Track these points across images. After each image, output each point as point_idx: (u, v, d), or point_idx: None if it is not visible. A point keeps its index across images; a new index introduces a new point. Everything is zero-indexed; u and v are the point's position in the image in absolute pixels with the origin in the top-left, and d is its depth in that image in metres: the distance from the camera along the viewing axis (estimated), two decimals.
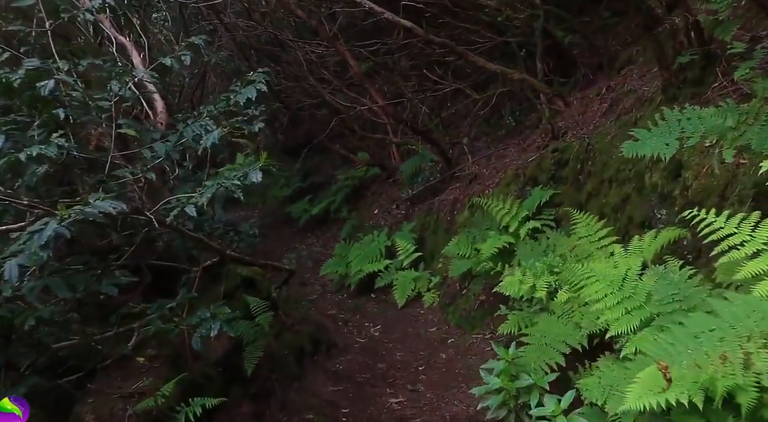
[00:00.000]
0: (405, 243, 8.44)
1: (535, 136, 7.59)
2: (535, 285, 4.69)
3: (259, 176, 3.60)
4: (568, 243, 5.05)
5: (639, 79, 6.18)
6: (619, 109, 6.00)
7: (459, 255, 6.94)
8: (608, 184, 5.38)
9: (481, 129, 10.09)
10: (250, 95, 3.93)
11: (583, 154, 5.85)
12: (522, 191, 6.70)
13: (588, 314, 4.29)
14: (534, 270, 4.91)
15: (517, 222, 6.25)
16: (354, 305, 8.74)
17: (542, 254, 5.35)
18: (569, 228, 5.77)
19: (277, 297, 5.38)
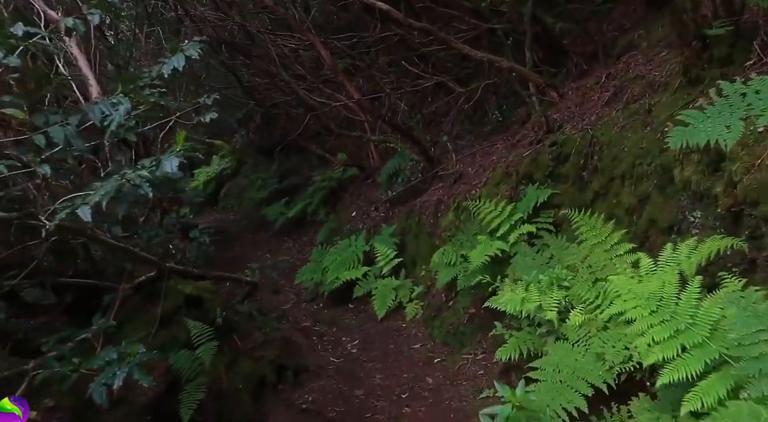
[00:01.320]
0: (385, 249, 7.38)
1: (526, 131, 6.59)
2: (542, 304, 3.66)
3: (175, 165, 2.52)
4: (579, 252, 4.03)
5: (646, 65, 5.21)
6: (625, 98, 5.02)
7: (445, 263, 5.90)
8: (620, 181, 4.39)
9: (463, 126, 9.08)
10: (177, 65, 2.85)
11: (586, 147, 4.85)
12: (515, 191, 5.69)
13: (611, 340, 3.28)
14: (539, 285, 3.89)
15: (509, 226, 5.23)
16: (330, 316, 7.66)
17: (545, 264, 4.34)
18: (573, 232, 4.77)
19: (233, 317, 4.30)
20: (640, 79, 5.08)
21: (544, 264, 4.37)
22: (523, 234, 5.13)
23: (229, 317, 4.26)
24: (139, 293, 3.67)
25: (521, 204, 5.33)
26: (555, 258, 4.29)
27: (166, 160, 2.52)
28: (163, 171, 2.47)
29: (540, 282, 3.89)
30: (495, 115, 7.57)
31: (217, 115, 4.13)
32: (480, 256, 5.08)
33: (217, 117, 4.10)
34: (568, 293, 3.78)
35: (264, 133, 13.18)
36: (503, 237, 5.23)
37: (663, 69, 4.84)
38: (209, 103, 4.26)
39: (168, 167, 2.48)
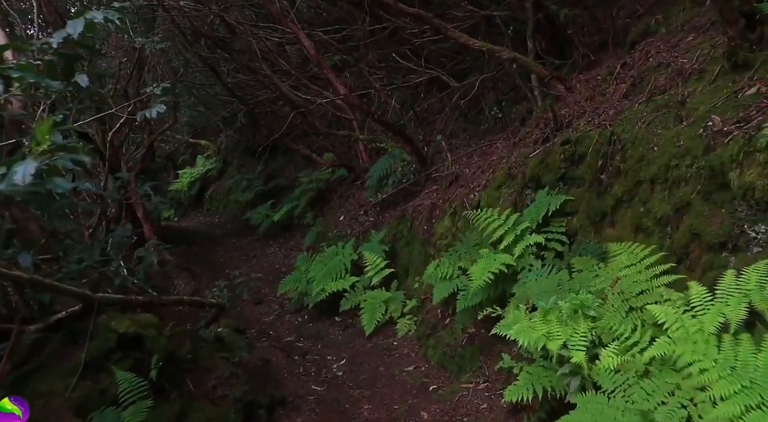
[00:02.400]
0: (374, 257, 6.57)
1: (530, 128, 5.80)
2: (566, 342, 2.86)
3: (30, 173, 1.68)
4: (606, 274, 3.24)
5: (670, 51, 4.43)
6: (647, 89, 4.24)
7: (441, 276, 5.10)
8: (649, 185, 3.60)
9: (458, 124, 8.28)
10: (72, 32, 2.03)
11: (605, 146, 4.06)
12: (519, 195, 4.90)
13: (658, 392, 2.49)
14: (558, 313, 3.09)
15: (514, 236, 4.44)
16: (315, 330, 6.84)
17: (561, 286, 3.54)
18: (590, 244, 3.99)
19: (187, 354, 3.47)
20: (664, 67, 4.31)
21: (559, 284, 3.56)
22: (530, 246, 4.34)
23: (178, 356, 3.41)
24: (62, 333, 2.84)
25: (528, 211, 4.54)
26: (575, 279, 3.49)
27: (18, 166, 1.68)
28: (11, 183, 1.63)
29: (560, 310, 3.09)
30: (494, 112, 6.77)
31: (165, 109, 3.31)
32: (482, 273, 4.28)
33: (164, 110, 3.28)
34: (596, 325, 2.98)
35: (250, 133, 12.33)
36: (508, 249, 4.43)
37: (693, 54, 4.06)
38: (158, 92, 3.44)
39: (19, 177, 1.64)
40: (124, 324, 3.00)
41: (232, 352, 4.14)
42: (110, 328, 2.95)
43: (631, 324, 2.89)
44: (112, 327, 2.96)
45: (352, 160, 9.45)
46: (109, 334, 2.92)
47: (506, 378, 4.04)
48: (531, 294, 3.69)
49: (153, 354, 3.06)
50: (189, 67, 9.71)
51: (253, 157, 12.66)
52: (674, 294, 2.86)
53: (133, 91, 8.02)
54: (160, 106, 3.22)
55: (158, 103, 3.28)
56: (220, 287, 4.33)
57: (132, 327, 3.02)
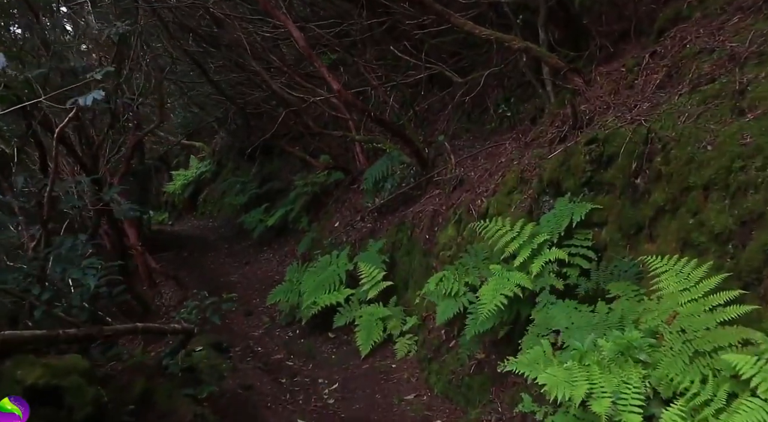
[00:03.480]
0: (370, 269, 5.85)
1: (543, 127, 5.08)
2: (616, 401, 2.12)
3: None
4: (659, 304, 2.50)
5: (713, 35, 3.71)
6: (689, 78, 3.52)
7: (445, 293, 4.37)
8: (702, 192, 2.88)
9: (461, 124, 7.55)
10: None
11: (640, 145, 3.34)
12: (536, 202, 4.17)
13: None
14: (599, 357, 2.36)
15: (530, 251, 3.70)
16: (307, 347, 6.12)
17: (599, 319, 2.81)
18: (626, 263, 3.26)
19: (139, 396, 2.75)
20: (707, 53, 3.58)
21: (594, 315, 2.83)
22: (551, 263, 3.61)
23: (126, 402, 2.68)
24: None
25: (547, 221, 3.81)
26: (615, 310, 2.76)
27: None
28: None
29: (601, 352, 2.36)
30: (501, 110, 6.05)
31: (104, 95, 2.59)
32: (494, 296, 3.55)
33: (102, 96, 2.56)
34: (650, 372, 2.26)
35: (243, 134, 11.61)
36: (524, 265, 3.70)
37: (745, 37, 3.34)
38: (98, 77, 2.72)
39: None
40: (35, 373, 2.27)
41: (200, 387, 3.41)
42: (15, 379, 2.23)
43: (699, 373, 2.17)
44: (18, 377, 2.24)
45: (349, 162, 8.74)
46: (13, 387, 2.20)
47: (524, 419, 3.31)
48: (556, 323, 2.96)
49: (76, 410, 2.34)
50: (177, 64, 8.97)
51: (248, 159, 11.95)
52: (756, 334, 2.13)
53: (113, 88, 7.30)
54: (98, 92, 2.52)
55: (97, 88, 2.57)
56: (189, 309, 3.61)
57: (44, 376, 2.29)
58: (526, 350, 3.20)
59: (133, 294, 7.49)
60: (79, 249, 3.66)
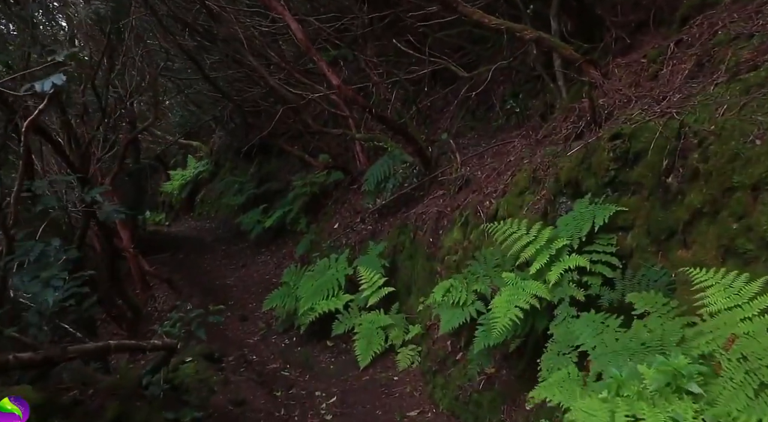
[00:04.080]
0: (370, 273, 5.46)
1: (555, 123, 4.70)
2: None
3: None
4: (712, 327, 2.11)
5: (750, 19, 3.32)
6: (725, 66, 3.13)
7: (451, 302, 3.99)
8: (749, 193, 2.49)
9: (465, 122, 7.17)
10: None
11: (672, 141, 2.95)
12: (551, 204, 3.78)
13: None
14: (641, 387, 1.97)
15: (548, 257, 3.31)
16: (304, 356, 5.74)
17: (635, 338, 2.41)
18: (656, 272, 2.88)
19: None
20: (745, 39, 3.20)
21: (630, 336, 2.43)
22: (570, 272, 3.22)
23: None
24: None
25: (565, 224, 3.42)
26: (655, 330, 2.36)
27: None
28: None
29: (643, 381, 1.97)
30: (509, 105, 5.66)
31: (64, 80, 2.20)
32: (508, 308, 3.16)
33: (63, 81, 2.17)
34: (704, 408, 1.86)
35: (242, 134, 11.22)
36: (540, 273, 3.32)
37: None
38: (61, 59, 2.34)
39: None
40: None
41: (184, 410, 3.02)
42: None
43: (766, 411, 1.77)
44: None
45: (349, 161, 8.35)
46: None
47: None
48: (581, 341, 2.58)
49: None
50: (172, 60, 8.58)
51: (246, 158, 11.56)
52: None
53: (103, 84, 6.93)
54: (58, 77, 2.14)
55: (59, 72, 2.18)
56: (172, 321, 3.23)
57: None
58: (546, 370, 2.82)
59: (124, 299, 7.11)
60: (50, 256, 3.27)
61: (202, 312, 3.28)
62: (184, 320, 3.19)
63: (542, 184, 4.09)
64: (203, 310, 3.30)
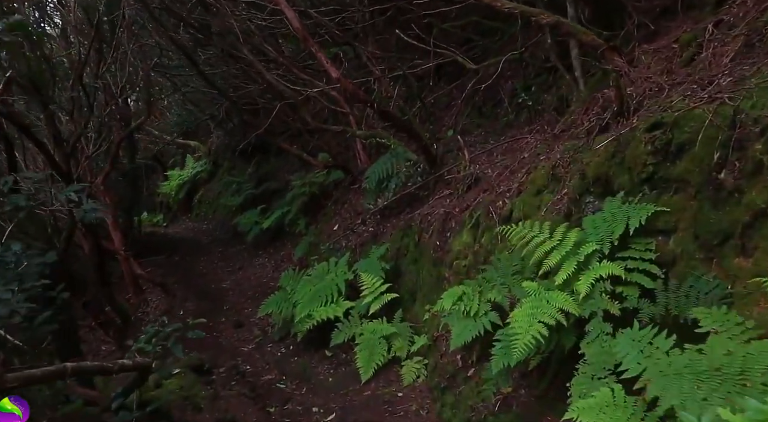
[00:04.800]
0: (372, 279, 4.99)
1: (574, 116, 4.23)
2: None
3: None
4: None
5: None
6: None
7: (462, 312, 3.52)
8: None
9: (470, 119, 6.71)
10: None
11: (725, 130, 2.48)
12: (576, 204, 3.31)
13: None
14: None
15: (575, 264, 2.84)
16: (301, 367, 5.26)
17: (705, 368, 1.93)
18: (707, 283, 2.41)
19: None
20: None
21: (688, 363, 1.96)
22: (602, 281, 2.75)
23: None
24: None
25: (593, 226, 2.95)
26: (734, 355, 1.88)
27: None
28: None
29: None
30: (521, 99, 5.19)
31: None
32: (530, 324, 2.70)
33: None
34: None
35: (240, 133, 10.75)
36: (567, 283, 2.84)
37: None
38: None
39: None
40: None
41: None
42: None
43: None
44: None
45: (349, 160, 7.88)
46: None
47: None
48: (624, 364, 2.10)
49: None
50: (166, 56, 8.11)
51: (245, 158, 11.10)
52: None
53: (91, 78, 6.46)
54: None
55: None
56: (146, 337, 2.77)
57: None
58: (578, 396, 2.35)
59: (113, 305, 6.64)
60: (10, 262, 2.80)
61: (180, 326, 2.81)
62: (161, 335, 2.73)
63: (563, 182, 3.62)
64: (181, 324, 2.84)
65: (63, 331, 5.20)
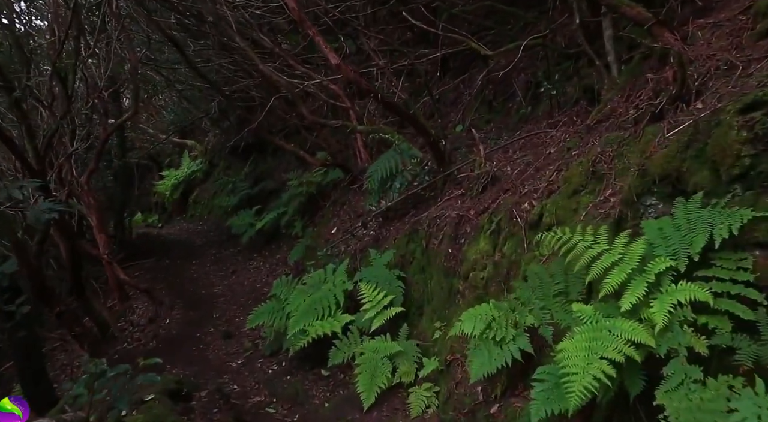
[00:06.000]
0: (374, 290, 4.25)
1: (614, 104, 3.50)
2: None
3: None
4: None
5: None
6: None
7: (484, 336, 2.78)
8: None
9: (480, 115, 5.98)
10: None
11: None
12: (630, 207, 2.57)
13: None
14: None
15: (645, 285, 2.10)
16: (293, 388, 4.51)
17: None
18: None
19: None
20: None
21: None
22: (681, 307, 2.01)
23: None
24: None
25: (661, 237, 2.21)
26: None
27: None
28: None
29: None
30: (544, 88, 4.44)
31: None
32: (588, 361, 1.98)
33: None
34: None
35: (237, 131, 9.99)
36: (635, 309, 2.10)
37: None
38: None
39: None
40: None
41: None
42: None
43: None
44: None
45: (349, 159, 7.13)
46: None
47: None
48: None
49: None
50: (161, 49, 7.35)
51: (241, 157, 10.34)
52: None
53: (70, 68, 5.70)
54: None
55: None
56: (84, 380, 2.01)
57: None
58: None
59: (90, 315, 5.89)
60: None
61: (128, 368, 2.06)
62: (103, 382, 1.98)
63: (607, 181, 2.89)
64: (128, 366, 2.08)
65: (23, 350, 4.46)
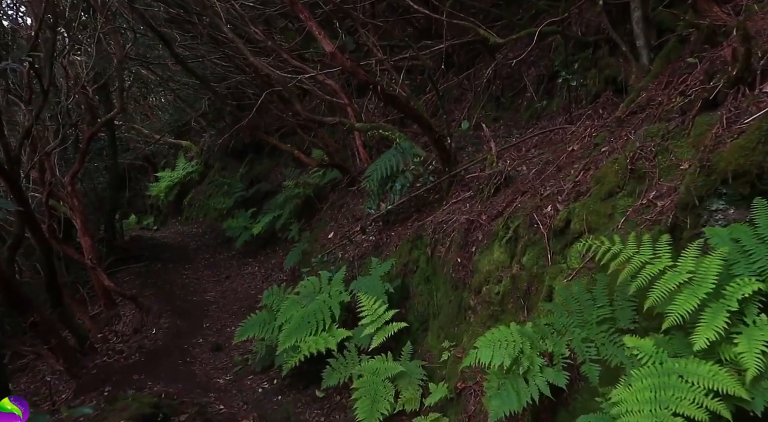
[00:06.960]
0: (374, 302, 3.71)
1: (649, 92, 2.97)
2: None
3: None
4: None
5: None
6: None
7: (505, 366, 2.24)
8: None
9: (487, 112, 5.46)
10: None
11: None
12: (691, 212, 2.04)
13: None
14: None
15: (724, 316, 1.56)
16: (285, 411, 3.97)
17: None
18: None
19: None
20: None
21: None
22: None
23: None
24: None
25: (739, 250, 1.68)
26: None
27: None
28: None
29: None
30: (563, 78, 3.91)
31: None
32: (655, 417, 1.42)
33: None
34: None
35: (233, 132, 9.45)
36: (711, 348, 1.56)
37: None
38: None
39: None
40: None
41: None
42: None
43: None
44: None
45: (347, 159, 6.61)
46: None
47: None
48: None
49: None
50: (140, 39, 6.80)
51: (237, 158, 9.81)
52: None
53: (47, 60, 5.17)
54: None
55: None
56: None
57: None
58: None
59: (68, 325, 5.34)
60: None
61: None
62: None
63: (651, 181, 2.36)
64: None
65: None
